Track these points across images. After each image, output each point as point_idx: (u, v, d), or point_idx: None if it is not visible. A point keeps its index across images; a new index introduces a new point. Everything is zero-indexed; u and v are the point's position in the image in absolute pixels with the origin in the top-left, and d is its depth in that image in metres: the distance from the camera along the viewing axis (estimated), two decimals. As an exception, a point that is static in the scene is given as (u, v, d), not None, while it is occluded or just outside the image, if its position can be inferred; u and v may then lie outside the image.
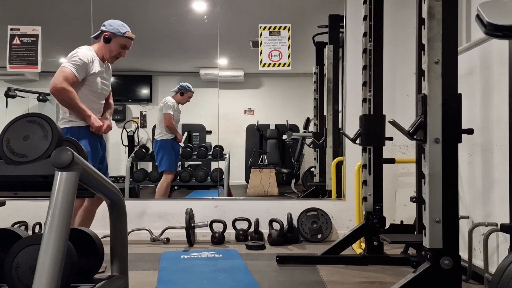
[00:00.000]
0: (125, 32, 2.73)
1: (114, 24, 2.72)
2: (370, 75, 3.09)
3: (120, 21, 2.81)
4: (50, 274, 1.19)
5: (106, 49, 2.70)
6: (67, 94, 2.48)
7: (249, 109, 6.67)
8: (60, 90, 2.47)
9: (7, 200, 2.09)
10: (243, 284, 2.62)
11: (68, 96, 2.49)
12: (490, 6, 1.64)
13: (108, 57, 2.76)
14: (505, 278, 1.58)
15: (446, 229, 1.97)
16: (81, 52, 2.58)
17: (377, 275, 2.82)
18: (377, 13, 3.08)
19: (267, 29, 4.16)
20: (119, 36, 2.70)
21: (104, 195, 1.68)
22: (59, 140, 1.43)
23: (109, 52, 2.72)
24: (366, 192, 3.11)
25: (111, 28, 2.69)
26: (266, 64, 4.16)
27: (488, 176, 2.59)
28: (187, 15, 5.34)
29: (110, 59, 2.78)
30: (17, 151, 1.41)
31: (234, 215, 3.90)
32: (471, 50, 2.79)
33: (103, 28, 2.74)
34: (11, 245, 1.57)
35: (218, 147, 5.55)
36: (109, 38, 2.66)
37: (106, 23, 2.76)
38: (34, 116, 1.47)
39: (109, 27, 2.71)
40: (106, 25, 2.74)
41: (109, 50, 2.71)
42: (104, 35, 2.68)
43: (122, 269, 1.81)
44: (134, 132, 6.55)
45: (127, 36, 2.75)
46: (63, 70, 2.52)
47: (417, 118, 2.04)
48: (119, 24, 2.73)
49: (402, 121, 2.08)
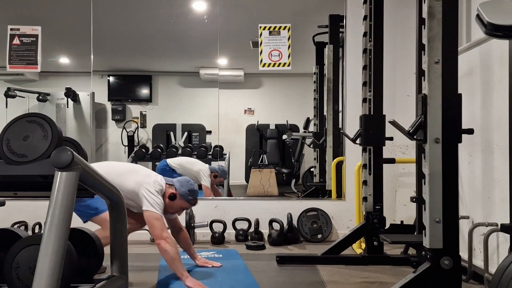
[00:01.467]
0: (192, 199, 2.70)
1: (186, 186, 2.67)
2: (370, 75, 3.09)
3: (192, 183, 2.73)
4: (50, 274, 1.19)
5: (167, 203, 2.67)
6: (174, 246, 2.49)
7: (249, 109, 6.66)
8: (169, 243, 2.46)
9: (7, 200, 2.09)
10: (244, 284, 2.62)
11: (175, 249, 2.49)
12: (490, 6, 1.64)
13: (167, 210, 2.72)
14: (505, 278, 1.58)
15: (446, 229, 1.97)
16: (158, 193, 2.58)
17: (377, 275, 2.82)
18: (377, 13, 3.08)
19: (267, 29, 4.16)
20: (184, 201, 2.69)
21: (104, 195, 1.68)
22: (59, 140, 1.43)
23: (169, 207, 2.69)
24: (366, 192, 3.10)
25: (182, 190, 2.66)
26: (266, 64, 4.16)
27: (488, 176, 2.59)
28: (187, 15, 5.34)
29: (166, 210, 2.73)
30: (17, 151, 1.41)
31: (234, 215, 3.90)
32: (471, 50, 2.79)
33: (175, 184, 2.69)
34: (11, 245, 1.57)
35: (218, 147, 5.55)
36: (174, 198, 2.65)
37: (180, 181, 2.71)
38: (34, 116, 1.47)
39: (180, 188, 2.66)
40: (178, 185, 2.69)
41: (170, 206, 2.68)
42: (171, 193, 2.65)
43: (122, 269, 1.81)
44: (134, 132, 6.55)
45: (191, 203, 2.73)
46: (157, 217, 2.50)
47: (417, 118, 2.04)
48: (191, 189, 2.68)
49: (402, 121, 2.08)
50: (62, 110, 6.23)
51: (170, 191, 2.67)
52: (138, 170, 2.79)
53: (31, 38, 4.16)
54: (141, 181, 2.61)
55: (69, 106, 6.21)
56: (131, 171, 2.76)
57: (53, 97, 6.27)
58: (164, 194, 2.66)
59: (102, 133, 6.70)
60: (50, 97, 6.27)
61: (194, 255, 3.00)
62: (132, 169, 2.79)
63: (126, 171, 2.73)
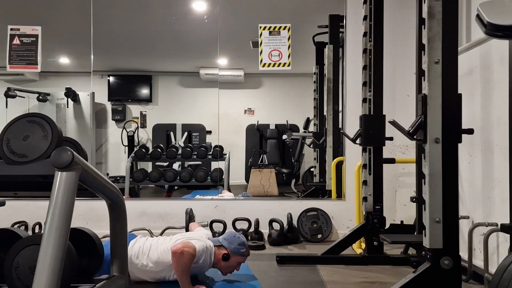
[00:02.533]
0: (245, 250, 2.66)
1: (235, 242, 2.63)
2: (370, 75, 3.09)
3: (238, 236, 2.69)
4: (50, 274, 1.19)
5: (223, 265, 2.63)
6: (189, 257, 2.39)
7: (249, 109, 6.67)
8: (186, 255, 2.38)
9: (7, 200, 2.09)
10: (245, 284, 2.62)
11: (189, 259, 2.39)
12: (490, 6, 1.64)
13: (223, 271, 2.68)
14: (505, 278, 1.58)
15: (446, 229, 1.97)
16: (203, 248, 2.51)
17: (377, 275, 2.82)
18: (377, 13, 3.08)
19: (267, 29, 4.16)
20: (239, 256, 2.65)
21: (104, 195, 1.68)
22: (59, 140, 1.43)
23: (225, 268, 2.65)
24: (366, 192, 3.10)
25: (231, 247, 2.61)
26: (266, 64, 4.16)
27: (488, 176, 2.59)
28: (187, 15, 5.34)
29: (223, 272, 2.69)
30: (17, 151, 1.41)
31: (234, 215, 3.90)
32: (471, 50, 2.79)
33: (224, 244, 2.63)
34: (11, 245, 1.56)
35: (218, 147, 5.55)
36: (228, 257, 2.61)
37: (227, 239, 2.66)
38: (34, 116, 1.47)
39: (229, 246, 2.61)
40: (227, 243, 2.63)
41: (226, 265, 2.64)
42: (224, 254, 2.60)
43: (122, 269, 1.81)
44: (134, 132, 6.56)
45: (246, 254, 2.68)
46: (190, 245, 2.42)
47: (417, 118, 2.04)
48: (240, 242, 2.64)
49: (402, 121, 2.08)
50: (62, 110, 6.23)
51: (222, 252, 2.61)
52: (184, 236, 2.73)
53: (31, 38, 4.16)
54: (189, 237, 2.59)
55: (69, 106, 6.22)
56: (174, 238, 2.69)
57: (53, 97, 6.27)
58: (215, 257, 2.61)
59: (102, 133, 6.71)
60: (50, 97, 6.27)
61: None
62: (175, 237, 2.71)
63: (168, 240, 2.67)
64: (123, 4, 4.94)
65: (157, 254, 2.53)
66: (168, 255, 2.49)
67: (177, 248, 2.38)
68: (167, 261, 2.49)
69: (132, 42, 5.97)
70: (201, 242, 2.52)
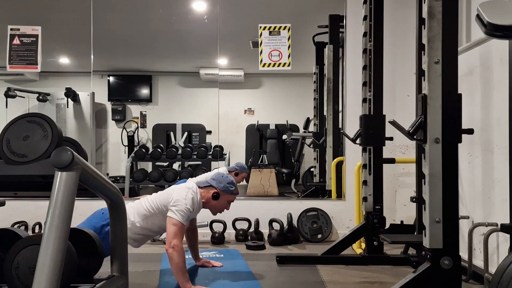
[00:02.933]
0: (234, 189, 2.70)
1: (223, 181, 2.66)
2: (370, 75, 3.09)
3: (226, 176, 2.73)
4: (50, 274, 1.19)
5: (213, 204, 2.67)
6: (181, 256, 2.42)
7: (249, 109, 6.67)
8: (177, 251, 2.39)
9: (7, 200, 2.09)
10: (245, 284, 2.62)
11: (181, 259, 2.42)
12: (490, 6, 1.64)
13: (213, 211, 2.72)
14: (505, 278, 1.58)
15: (446, 229, 1.97)
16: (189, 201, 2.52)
17: (377, 275, 2.82)
18: (377, 13, 3.08)
19: (267, 29, 4.16)
20: (229, 194, 2.68)
21: (104, 195, 1.68)
22: (59, 140, 1.43)
23: (215, 208, 2.69)
24: (366, 192, 3.11)
25: (221, 186, 2.65)
26: (266, 64, 4.16)
27: (488, 176, 2.59)
28: (187, 15, 5.34)
29: (213, 212, 2.74)
30: (17, 151, 1.41)
31: (234, 215, 3.89)
32: (471, 50, 2.79)
33: (212, 184, 2.67)
34: (11, 245, 1.56)
35: (218, 147, 5.55)
36: (218, 196, 2.64)
37: (215, 179, 2.69)
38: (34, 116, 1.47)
39: (218, 185, 2.65)
40: (215, 182, 2.67)
41: (216, 205, 2.68)
42: (214, 192, 2.63)
43: (122, 269, 1.80)
44: (134, 132, 6.55)
45: (235, 193, 2.72)
46: (174, 223, 2.45)
47: (417, 118, 2.04)
48: (229, 181, 2.68)
49: (402, 121, 2.08)
50: (62, 110, 6.23)
51: (211, 191, 2.65)
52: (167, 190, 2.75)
53: (31, 38, 4.16)
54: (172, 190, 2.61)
55: (69, 106, 6.22)
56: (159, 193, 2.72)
57: (53, 97, 6.27)
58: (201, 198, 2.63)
59: (102, 133, 6.71)
60: (50, 97, 6.27)
61: (197, 255, 3.00)
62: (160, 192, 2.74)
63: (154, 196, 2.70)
64: (123, 4, 4.94)
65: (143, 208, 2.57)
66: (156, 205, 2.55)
67: (167, 247, 2.41)
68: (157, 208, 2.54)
69: (132, 42, 5.96)
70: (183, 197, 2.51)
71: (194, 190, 2.61)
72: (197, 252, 3.00)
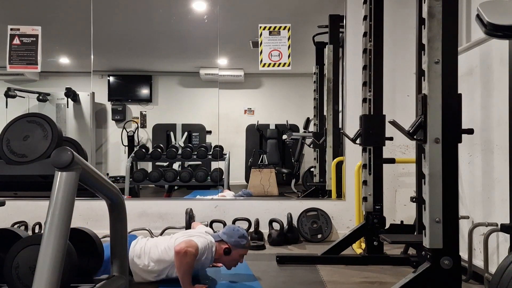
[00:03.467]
0: (245, 243, 2.65)
1: (234, 235, 2.62)
2: (370, 75, 3.09)
3: (237, 229, 2.68)
4: (50, 274, 1.19)
5: (225, 260, 2.63)
6: (192, 257, 2.39)
7: (249, 109, 6.66)
8: (189, 254, 2.37)
9: (7, 200, 2.09)
10: (246, 284, 2.62)
11: (192, 259, 2.39)
12: (490, 6, 1.64)
13: (227, 266, 2.68)
14: (505, 278, 1.58)
15: (446, 229, 1.97)
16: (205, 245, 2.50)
17: (377, 275, 2.82)
18: (377, 13, 3.08)
19: (267, 29, 4.16)
20: (240, 249, 2.64)
21: (104, 195, 1.68)
22: (59, 140, 1.43)
23: (228, 263, 2.65)
24: (366, 192, 3.10)
25: (232, 240, 2.61)
26: (266, 64, 4.16)
27: (488, 176, 2.59)
28: (187, 15, 5.34)
29: (227, 267, 2.69)
30: (17, 151, 1.41)
31: (234, 215, 3.89)
32: (471, 50, 2.79)
33: (224, 238, 2.63)
34: (11, 245, 1.56)
35: (218, 147, 5.55)
36: (230, 251, 2.61)
37: (226, 233, 2.65)
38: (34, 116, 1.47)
39: (229, 240, 2.61)
40: (226, 237, 2.63)
41: (229, 260, 2.64)
42: (225, 248, 2.59)
43: (122, 269, 1.81)
44: (134, 132, 6.55)
45: (247, 246, 2.68)
46: (193, 244, 2.41)
47: (417, 118, 2.04)
48: (240, 235, 2.64)
49: (402, 121, 2.08)
50: (62, 110, 6.23)
51: (223, 247, 2.61)
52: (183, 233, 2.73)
53: (31, 38, 4.16)
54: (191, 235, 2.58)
55: (69, 106, 6.22)
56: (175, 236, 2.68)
57: (53, 97, 6.27)
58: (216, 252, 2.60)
59: (102, 133, 6.71)
60: (50, 97, 6.27)
61: None
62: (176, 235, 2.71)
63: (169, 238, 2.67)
64: (123, 4, 4.94)
65: (158, 253, 2.52)
66: (169, 253, 2.49)
67: (180, 248, 2.36)
68: (168, 259, 2.49)
69: (132, 42, 5.96)
70: (203, 239, 2.51)
71: (212, 241, 2.59)
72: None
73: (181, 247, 2.37)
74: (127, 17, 5.25)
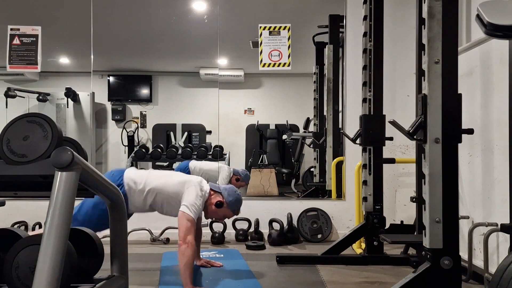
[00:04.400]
0: (237, 210, 2.73)
1: (233, 196, 2.69)
2: (370, 75, 3.09)
3: (238, 193, 2.74)
4: (50, 274, 1.19)
5: (212, 210, 2.69)
6: (193, 253, 2.47)
7: (249, 109, 6.66)
8: (190, 248, 2.43)
9: (7, 200, 2.09)
10: (246, 284, 2.62)
11: (193, 256, 2.47)
12: (490, 6, 1.64)
13: (208, 215, 2.74)
14: (505, 278, 1.58)
15: (446, 229, 1.97)
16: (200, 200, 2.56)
17: (377, 275, 2.82)
18: (377, 13, 3.09)
19: (267, 29, 4.16)
20: (230, 210, 2.70)
21: (104, 195, 1.68)
22: (59, 140, 1.43)
23: (212, 213, 2.71)
24: (366, 192, 3.11)
25: (229, 199, 2.67)
26: (266, 64, 4.16)
27: (488, 176, 2.59)
28: (187, 15, 5.34)
29: (207, 215, 2.75)
30: (17, 151, 1.41)
31: (234, 215, 3.89)
32: (471, 50, 2.79)
33: (223, 193, 2.69)
34: (11, 245, 1.56)
35: (218, 147, 5.55)
36: (221, 205, 2.66)
37: (228, 190, 2.72)
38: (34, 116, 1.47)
39: (227, 197, 2.67)
40: (227, 193, 2.69)
41: (214, 212, 2.70)
42: (219, 200, 2.66)
43: (122, 269, 1.80)
44: (134, 132, 6.55)
45: (236, 213, 2.75)
46: (189, 219, 2.47)
47: (417, 118, 2.04)
48: (238, 199, 2.70)
49: (402, 121, 2.08)
50: (62, 110, 6.23)
51: (218, 198, 2.67)
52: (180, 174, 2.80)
53: (31, 38, 4.16)
54: (185, 181, 2.62)
55: (69, 106, 6.21)
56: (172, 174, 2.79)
57: (53, 97, 6.27)
58: (207, 200, 2.65)
59: (102, 133, 6.70)
60: (50, 97, 6.26)
61: (198, 255, 3.01)
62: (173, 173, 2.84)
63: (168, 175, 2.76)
64: (123, 4, 4.94)
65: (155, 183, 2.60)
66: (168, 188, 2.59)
67: (182, 242, 2.42)
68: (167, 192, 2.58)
69: (132, 42, 5.96)
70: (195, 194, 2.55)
71: (207, 191, 2.64)
72: (198, 253, 3.01)
73: (181, 242, 2.42)
74: (127, 17, 5.24)
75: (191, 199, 2.52)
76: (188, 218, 2.47)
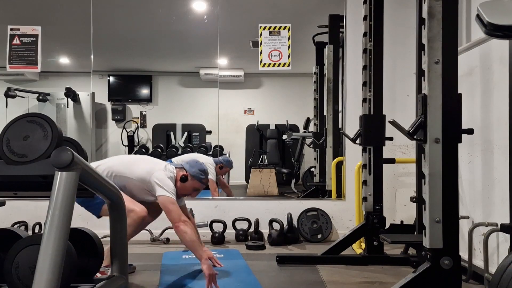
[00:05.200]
0: (204, 178, 2.75)
1: (196, 166, 2.73)
2: (370, 75, 3.09)
3: (201, 163, 2.79)
4: (50, 274, 1.19)
5: (180, 186, 2.72)
6: (192, 228, 2.52)
7: (249, 109, 6.66)
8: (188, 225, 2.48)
9: (7, 200, 2.09)
10: (246, 284, 2.62)
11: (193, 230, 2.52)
12: (490, 6, 1.64)
13: (180, 193, 2.76)
14: (505, 278, 1.58)
15: (446, 229, 1.97)
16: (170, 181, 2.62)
17: (377, 275, 2.82)
18: (377, 13, 3.08)
19: (267, 29, 4.16)
20: (197, 181, 2.73)
21: (104, 195, 1.68)
22: (59, 140, 1.43)
23: (182, 189, 2.74)
24: (366, 192, 3.10)
25: (192, 170, 2.71)
26: (266, 64, 4.16)
27: (488, 176, 2.59)
28: (187, 15, 5.34)
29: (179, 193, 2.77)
30: (17, 151, 1.41)
31: (234, 215, 3.90)
32: (471, 50, 2.79)
33: (185, 167, 2.74)
34: (11, 245, 1.56)
35: (218, 147, 5.56)
36: (186, 179, 2.70)
37: (189, 162, 2.76)
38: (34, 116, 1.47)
39: (190, 169, 2.72)
40: (188, 166, 2.74)
41: (182, 188, 2.73)
42: (183, 175, 2.69)
43: (122, 269, 1.81)
44: (134, 132, 6.55)
45: (204, 182, 2.77)
46: (172, 202, 2.52)
47: (417, 118, 2.04)
48: (201, 169, 2.74)
49: (402, 121, 2.08)
50: (62, 110, 6.23)
51: (181, 173, 2.72)
52: (146, 159, 2.86)
53: (31, 38, 4.16)
54: (151, 169, 2.67)
55: (69, 106, 6.21)
56: (139, 160, 2.84)
57: (53, 97, 6.27)
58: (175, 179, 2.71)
59: (102, 133, 6.70)
60: (50, 97, 6.26)
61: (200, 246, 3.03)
62: (140, 158, 2.90)
63: (135, 161, 2.81)
64: (123, 4, 4.94)
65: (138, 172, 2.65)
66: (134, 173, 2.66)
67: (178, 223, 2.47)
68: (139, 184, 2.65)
69: (132, 42, 5.96)
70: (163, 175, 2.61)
71: (172, 170, 2.71)
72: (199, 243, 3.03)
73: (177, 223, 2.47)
74: (127, 17, 5.25)
75: (164, 182, 2.56)
76: (171, 201, 2.51)
